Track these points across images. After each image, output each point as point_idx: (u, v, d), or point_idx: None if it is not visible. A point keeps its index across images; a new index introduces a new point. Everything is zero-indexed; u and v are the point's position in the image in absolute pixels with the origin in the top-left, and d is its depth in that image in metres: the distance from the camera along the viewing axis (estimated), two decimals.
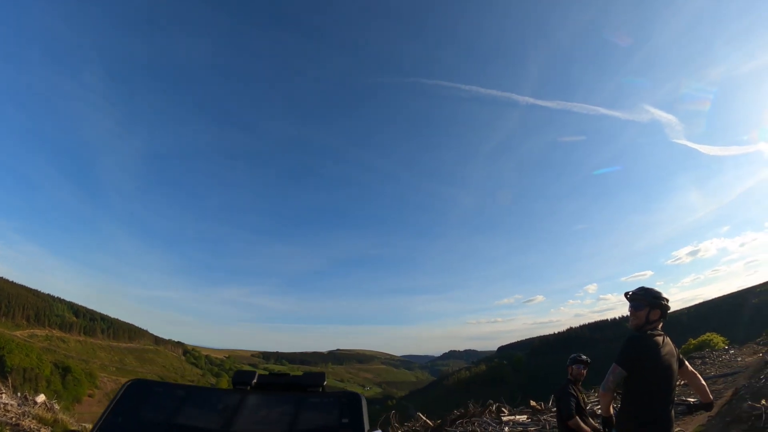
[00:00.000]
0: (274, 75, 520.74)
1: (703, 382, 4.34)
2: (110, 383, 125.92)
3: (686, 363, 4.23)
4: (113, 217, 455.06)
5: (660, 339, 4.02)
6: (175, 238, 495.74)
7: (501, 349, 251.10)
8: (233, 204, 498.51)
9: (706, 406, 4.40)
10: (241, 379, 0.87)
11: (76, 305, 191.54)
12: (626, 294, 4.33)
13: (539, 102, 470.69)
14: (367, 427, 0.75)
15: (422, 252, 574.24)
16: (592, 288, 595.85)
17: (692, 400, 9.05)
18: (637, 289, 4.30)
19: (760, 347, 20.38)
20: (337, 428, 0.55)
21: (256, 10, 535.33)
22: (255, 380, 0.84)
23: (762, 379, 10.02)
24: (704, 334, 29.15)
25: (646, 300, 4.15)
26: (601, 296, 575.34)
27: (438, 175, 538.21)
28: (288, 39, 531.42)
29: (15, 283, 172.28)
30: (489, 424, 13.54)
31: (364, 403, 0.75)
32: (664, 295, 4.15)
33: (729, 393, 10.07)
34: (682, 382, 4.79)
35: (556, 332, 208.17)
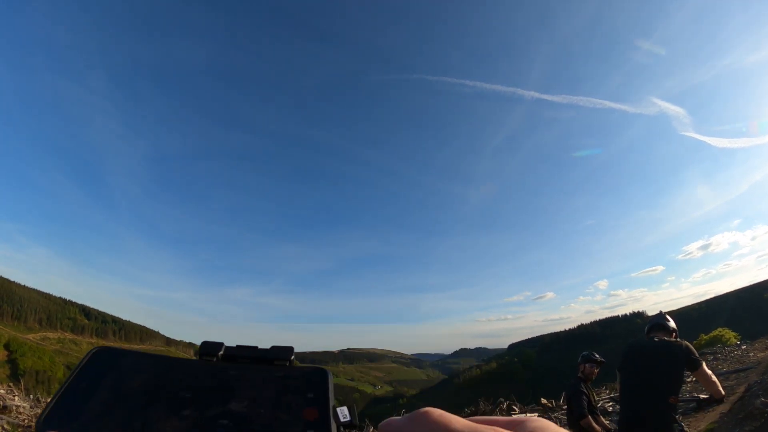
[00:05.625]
0: (278, 75, 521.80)
1: (713, 379, 4.34)
2: None
3: (701, 367, 4.20)
4: (122, 219, 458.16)
5: (647, 341, 4.30)
6: (184, 239, 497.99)
7: (512, 346, 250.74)
8: (240, 204, 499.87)
9: (716, 400, 4.48)
10: (207, 349, 0.85)
11: (88, 308, 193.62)
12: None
13: (545, 96, 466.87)
14: (332, 402, 0.73)
15: (430, 249, 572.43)
16: (602, 284, 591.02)
17: (704, 396, 9.01)
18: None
19: None
20: (302, 403, 0.54)
21: (259, 10, 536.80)
22: (222, 351, 0.82)
23: None
24: (716, 329, 28.91)
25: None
26: (611, 292, 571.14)
27: (445, 172, 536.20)
28: (291, 38, 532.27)
29: (26, 286, 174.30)
30: None
31: (330, 378, 0.73)
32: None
33: (741, 389, 9.98)
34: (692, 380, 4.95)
35: (566, 329, 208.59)
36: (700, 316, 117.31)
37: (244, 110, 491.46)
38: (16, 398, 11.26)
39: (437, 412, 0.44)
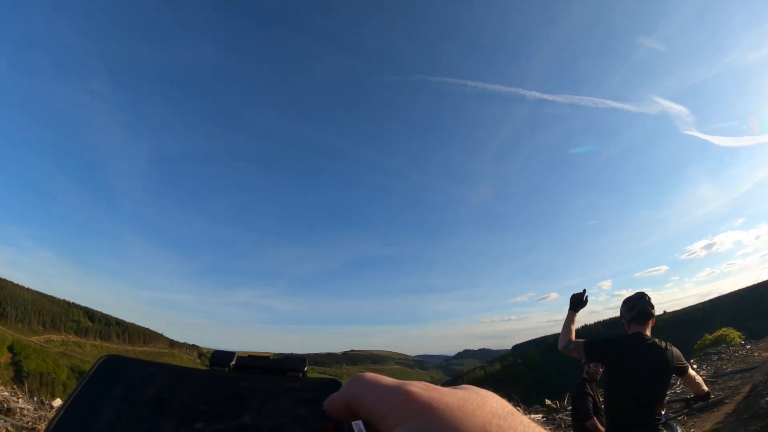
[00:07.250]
0: (280, 77, 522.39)
1: (698, 380, 4.42)
2: None
3: (688, 372, 4.28)
4: (125, 221, 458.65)
5: (639, 341, 4.17)
6: (187, 241, 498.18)
7: (515, 347, 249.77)
8: (243, 206, 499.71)
9: (702, 397, 4.49)
10: (219, 359, 0.81)
11: (92, 310, 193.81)
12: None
13: (546, 96, 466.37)
14: None
15: (433, 250, 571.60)
16: (606, 284, 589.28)
17: (690, 396, 9.00)
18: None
19: None
20: (315, 415, 0.51)
21: (259, 12, 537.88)
22: (233, 362, 0.79)
23: None
24: (720, 329, 28.77)
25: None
26: (615, 293, 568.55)
27: (447, 173, 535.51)
28: (292, 40, 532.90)
29: (30, 289, 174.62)
30: None
31: None
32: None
33: (746, 389, 9.95)
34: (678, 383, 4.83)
35: None
36: (704, 316, 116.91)
37: (247, 112, 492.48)
38: (20, 400, 11.26)
39: (370, 374, 0.48)
